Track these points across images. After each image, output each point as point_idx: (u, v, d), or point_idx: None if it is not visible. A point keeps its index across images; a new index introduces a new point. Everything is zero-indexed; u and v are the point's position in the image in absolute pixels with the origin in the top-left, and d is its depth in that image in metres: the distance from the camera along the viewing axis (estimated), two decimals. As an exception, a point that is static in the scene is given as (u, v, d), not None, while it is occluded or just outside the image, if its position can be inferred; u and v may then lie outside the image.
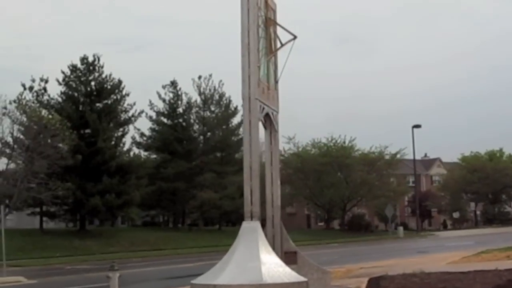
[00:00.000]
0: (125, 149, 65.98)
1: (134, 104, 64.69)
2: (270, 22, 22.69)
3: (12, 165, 54.26)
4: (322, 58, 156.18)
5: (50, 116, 53.89)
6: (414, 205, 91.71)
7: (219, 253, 53.55)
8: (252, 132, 21.17)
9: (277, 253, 23.18)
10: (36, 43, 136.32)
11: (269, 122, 23.38)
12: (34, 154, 52.00)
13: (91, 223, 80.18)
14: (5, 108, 52.59)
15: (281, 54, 24.15)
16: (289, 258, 23.59)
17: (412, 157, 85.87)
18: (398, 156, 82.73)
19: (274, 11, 23.65)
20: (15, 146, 53.46)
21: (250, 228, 20.90)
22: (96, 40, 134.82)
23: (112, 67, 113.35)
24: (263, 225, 21.10)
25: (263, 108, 21.79)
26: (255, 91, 20.98)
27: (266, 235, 23.30)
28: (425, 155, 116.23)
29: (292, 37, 23.16)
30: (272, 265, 20.43)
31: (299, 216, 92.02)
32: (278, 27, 23.97)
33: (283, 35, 22.80)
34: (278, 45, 23.71)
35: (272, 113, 23.10)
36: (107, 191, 59.36)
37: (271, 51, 22.69)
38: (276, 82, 23.86)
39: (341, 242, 66.38)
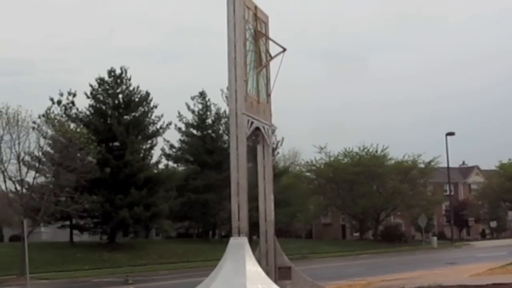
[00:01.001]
0: (153, 161, 65.99)
1: (162, 116, 64.73)
2: (259, 35, 22.39)
3: (40, 179, 54.54)
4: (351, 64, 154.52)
5: (77, 130, 54.12)
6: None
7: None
8: (239, 148, 20.96)
9: (270, 269, 22.97)
10: (72, 56, 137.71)
11: (261, 136, 23.10)
12: (60, 168, 52.24)
13: (125, 235, 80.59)
14: (34, 122, 52.82)
15: (277, 67, 23.87)
16: (283, 273, 23.36)
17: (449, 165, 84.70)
18: (432, 164, 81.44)
19: (266, 23, 23.31)
20: (44, 160, 53.80)
21: (237, 244, 20.72)
22: (129, 52, 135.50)
23: (143, 79, 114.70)
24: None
25: (252, 123, 21.51)
26: (242, 105, 20.74)
27: (259, 250, 23.12)
28: (463, 163, 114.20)
29: (281, 49, 22.90)
30: (258, 281, 20.21)
31: (334, 227, 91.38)
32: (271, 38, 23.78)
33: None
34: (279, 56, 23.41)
35: (264, 127, 22.81)
36: (135, 203, 59.40)
37: (260, 64, 22.39)
38: (269, 95, 23.55)
39: (372, 253, 65.55)
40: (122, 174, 60.38)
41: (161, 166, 68.00)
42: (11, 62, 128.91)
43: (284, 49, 22.53)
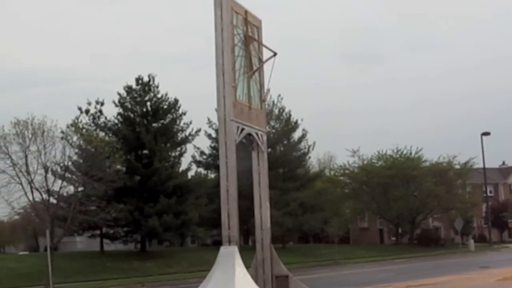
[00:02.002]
0: (182, 168, 65.67)
1: (191, 123, 64.35)
2: (250, 40, 21.90)
3: (68, 189, 54.71)
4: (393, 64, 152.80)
5: (101, 139, 54.15)
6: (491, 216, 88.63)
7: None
8: (228, 155, 20.60)
9: (267, 278, 22.57)
10: (108, 63, 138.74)
11: (255, 142, 22.70)
12: (86, 177, 52.31)
13: (160, 243, 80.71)
14: (62, 132, 52.98)
15: (274, 72, 23.33)
16: (280, 282, 23.02)
17: (487, 166, 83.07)
18: (468, 165, 79.88)
19: (258, 28, 22.86)
20: (73, 170, 53.94)
21: (227, 254, 20.60)
22: (161, 59, 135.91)
23: (172, 86, 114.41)
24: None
25: (242, 129, 21.16)
26: (231, 112, 20.41)
27: (256, 259, 22.75)
28: (503, 163, 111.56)
29: (272, 54, 22.35)
30: (247, 291, 19.87)
31: (372, 231, 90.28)
32: (265, 42, 23.24)
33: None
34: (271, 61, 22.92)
35: (257, 134, 22.43)
36: (164, 211, 59.18)
37: (251, 69, 21.91)
38: (263, 101, 23.11)
39: (407, 257, 64.47)
40: (151, 182, 60.25)
41: (191, 173, 67.74)
42: (47, 72, 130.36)
43: (275, 54, 22.03)
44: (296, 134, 72.60)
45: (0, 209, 52.41)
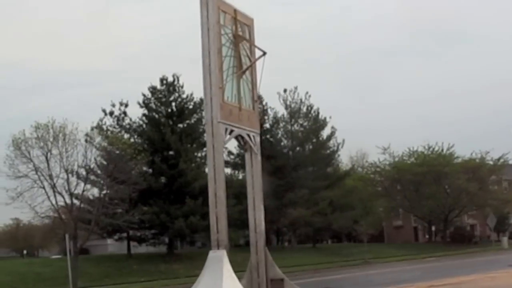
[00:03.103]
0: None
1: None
2: (239, 39, 21.26)
3: (91, 191, 54.69)
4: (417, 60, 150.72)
5: (123, 141, 53.98)
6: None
7: (305, 273, 52.32)
8: (216, 158, 20.15)
9: (261, 281, 22.15)
10: (138, 65, 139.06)
11: (248, 144, 22.09)
12: (110, 179, 52.24)
13: (192, 245, 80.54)
14: (87, 134, 52.90)
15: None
16: (275, 285, 22.63)
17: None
18: (501, 161, 78.22)
19: (249, 26, 22.27)
20: (99, 172, 53.85)
21: (216, 258, 20.38)
22: (191, 58, 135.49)
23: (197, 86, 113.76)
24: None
25: (232, 131, 20.71)
26: (218, 113, 19.96)
27: (250, 262, 22.33)
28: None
29: (261, 53, 21.72)
30: (235, 297, 19.48)
31: (406, 229, 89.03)
32: (258, 42, 22.61)
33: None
34: (258, 61, 22.33)
35: (249, 135, 21.84)
36: (191, 213, 58.77)
37: (241, 69, 21.29)
38: (256, 101, 22.45)
39: (438, 256, 63.40)
40: (177, 183, 59.93)
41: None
42: (79, 73, 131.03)
43: (264, 53, 21.42)
44: (325, 132, 71.87)
45: (23, 214, 51.97)
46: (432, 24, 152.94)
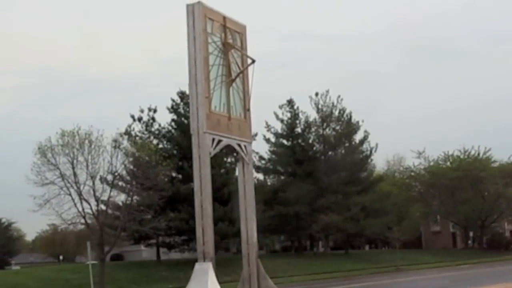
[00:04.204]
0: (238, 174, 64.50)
1: (247, 127, 63.12)
2: (228, 47, 20.71)
3: (118, 197, 54.58)
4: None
5: (153, 147, 53.82)
6: None
7: (335, 280, 51.50)
8: (202, 169, 19.78)
9: None
10: (175, 70, 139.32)
11: (239, 154, 21.61)
12: (135, 186, 52.14)
13: (227, 250, 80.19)
14: (115, 140, 52.81)
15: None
16: None
17: None
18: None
19: (241, 33, 21.81)
20: (127, 177, 53.75)
21: (201, 270, 20.15)
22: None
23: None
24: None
25: (219, 141, 20.32)
26: (204, 123, 19.62)
27: (242, 274, 21.88)
28: None
29: (251, 61, 21.21)
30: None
31: (444, 235, 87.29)
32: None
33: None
34: (250, 68, 21.79)
35: (239, 145, 21.39)
36: (220, 219, 58.16)
37: (230, 77, 20.76)
38: (247, 110, 21.90)
39: (473, 263, 62.03)
40: (206, 189, 59.34)
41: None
42: (119, 78, 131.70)
43: (253, 61, 20.94)
44: (358, 136, 70.81)
45: (51, 221, 52.09)
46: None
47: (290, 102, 69.11)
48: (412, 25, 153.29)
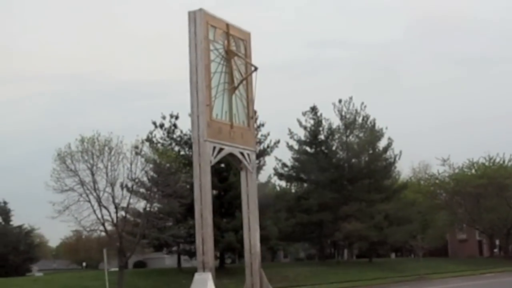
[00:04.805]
0: (263, 181, 64.13)
1: (268, 134, 62.73)
2: (231, 54, 20.38)
3: (138, 205, 54.42)
4: None
5: (173, 154, 53.65)
6: None
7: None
8: (202, 178, 19.45)
9: None
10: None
11: (242, 163, 21.22)
12: (154, 193, 52.01)
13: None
14: (136, 147, 52.69)
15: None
16: None
17: None
18: None
19: (245, 41, 21.49)
20: (147, 184, 53.62)
21: (201, 280, 20.01)
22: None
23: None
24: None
25: (221, 149, 20.02)
26: (204, 132, 19.31)
27: (245, 284, 21.61)
28: None
29: (253, 68, 20.85)
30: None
31: (470, 243, 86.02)
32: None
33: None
34: (253, 76, 21.45)
35: (242, 153, 21.02)
36: (241, 227, 57.57)
37: (233, 85, 20.43)
38: (251, 118, 21.53)
39: (497, 271, 60.93)
40: (227, 196, 59.13)
41: (270, 186, 66.22)
42: (148, 84, 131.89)
43: (256, 68, 20.56)
44: (382, 143, 69.96)
45: (70, 227, 52.07)
46: None
47: (314, 109, 68.51)
48: (438, 32, 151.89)
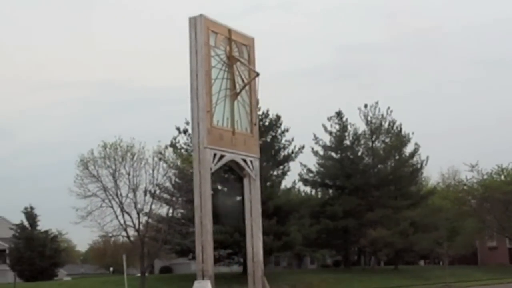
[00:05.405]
0: (286, 187, 63.85)
1: (293, 139, 62.45)
2: (233, 60, 20.13)
3: (161, 210, 54.55)
4: None
5: (188, 159, 53.65)
6: None
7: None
8: (203, 184, 19.24)
9: None
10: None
11: (245, 170, 20.93)
12: (180, 198, 52.07)
13: (277, 264, 79.50)
14: (161, 153, 52.87)
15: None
16: None
17: None
18: None
19: (248, 46, 21.23)
20: (173, 190, 53.72)
21: None
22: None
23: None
24: None
25: (222, 156, 19.80)
26: (205, 139, 19.19)
27: None
28: None
29: (255, 74, 20.55)
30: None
31: (501, 251, 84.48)
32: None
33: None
34: (255, 82, 21.16)
35: (245, 160, 20.77)
36: (265, 233, 57.18)
37: (233, 90, 20.20)
38: (254, 124, 21.25)
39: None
40: (250, 202, 58.75)
41: (295, 192, 65.81)
42: (173, 90, 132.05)
43: (257, 74, 20.25)
44: (409, 148, 69.24)
45: (93, 233, 52.29)
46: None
47: (339, 114, 68.00)
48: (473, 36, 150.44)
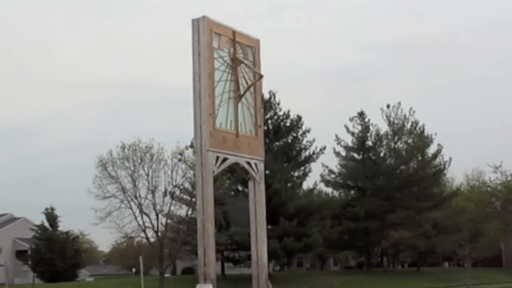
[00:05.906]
0: (307, 188, 63.53)
1: (314, 140, 62.22)
2: (237, 62, 19.84)
3: (180, 212, 54.47)
4: None
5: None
6: None
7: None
8: (205, 187, 19.05)
9: None
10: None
11: (249, 173, 20.63)
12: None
13: (300, 265, 79.19)
14: (180, 154, 52.71)
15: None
16: None
17: None
18: None
19: (253, 48, 20.91)
20: (191, 190, 53.54)
21: None
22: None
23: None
24: None
25: (225, 159, 19.56)
26: (207, 141, 18.94)
27: None
28: None
29: (258, 76, 20.25)
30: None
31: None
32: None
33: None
34: (260, 83, 20.87)
35: (249, 163, 20.49)
36: (285, 234, 57.38)
37: (237, 92, 19.93)
38: (259, 127, 20.90)
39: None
40: (271, 203, 58.29)
41: (316, 193, 65.46)
42: (182, 91, 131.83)
43: (261, 76, 19.95)
44: (431, 149, 68.54)
45: (112, 234, 52.30)
46: None
47: (361, 115, 67.49)
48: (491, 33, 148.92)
